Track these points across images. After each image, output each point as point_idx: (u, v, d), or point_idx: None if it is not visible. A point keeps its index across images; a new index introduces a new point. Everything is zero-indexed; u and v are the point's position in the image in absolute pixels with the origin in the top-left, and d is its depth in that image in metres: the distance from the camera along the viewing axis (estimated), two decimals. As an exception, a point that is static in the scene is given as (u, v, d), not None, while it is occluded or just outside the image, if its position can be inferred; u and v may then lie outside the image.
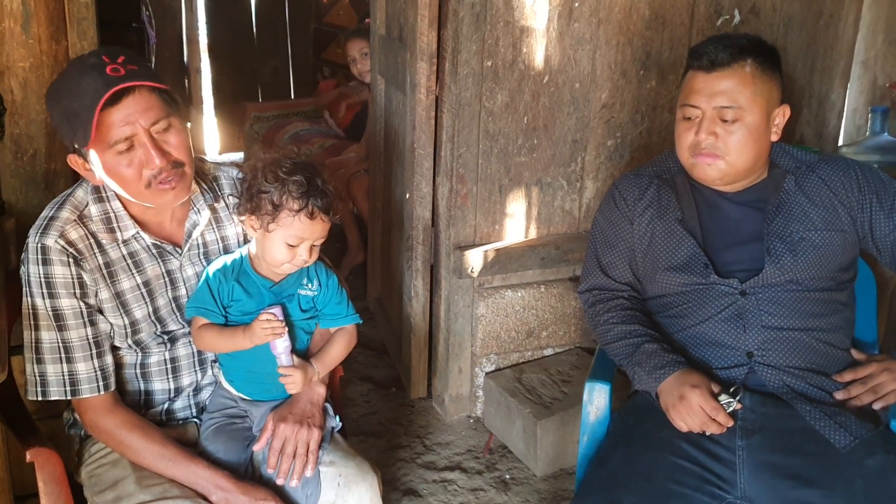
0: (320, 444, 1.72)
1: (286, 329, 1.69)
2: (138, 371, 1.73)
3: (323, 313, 1.80)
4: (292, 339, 1.73)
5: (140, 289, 1.67)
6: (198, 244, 1.75)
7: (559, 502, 2.45)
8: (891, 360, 1.77)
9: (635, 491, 1.61)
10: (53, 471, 1.57)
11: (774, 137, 1.84)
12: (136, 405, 1.72)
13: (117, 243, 1.65)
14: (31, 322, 1.59)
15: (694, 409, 1.66)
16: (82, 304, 1.60)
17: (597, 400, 1.87)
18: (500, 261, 2.65)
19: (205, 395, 1.81)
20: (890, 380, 1.73)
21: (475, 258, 2.61)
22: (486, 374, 2.80)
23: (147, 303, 1.68)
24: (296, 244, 1.66)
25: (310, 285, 1.77)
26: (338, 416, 1.82)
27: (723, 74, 1.77)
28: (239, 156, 5.84)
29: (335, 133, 4.79)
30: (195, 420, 1.80)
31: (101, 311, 1.64)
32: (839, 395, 1.74)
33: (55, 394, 1.60)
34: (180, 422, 1.79)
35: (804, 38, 2.87)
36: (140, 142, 1.55)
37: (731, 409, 1.67)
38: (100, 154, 1.55)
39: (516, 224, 2.71)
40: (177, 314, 1.73)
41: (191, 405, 1.80)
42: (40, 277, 1.57)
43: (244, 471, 1.71)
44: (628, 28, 2.60)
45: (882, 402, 1.72)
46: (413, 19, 2.54)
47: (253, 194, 1.65)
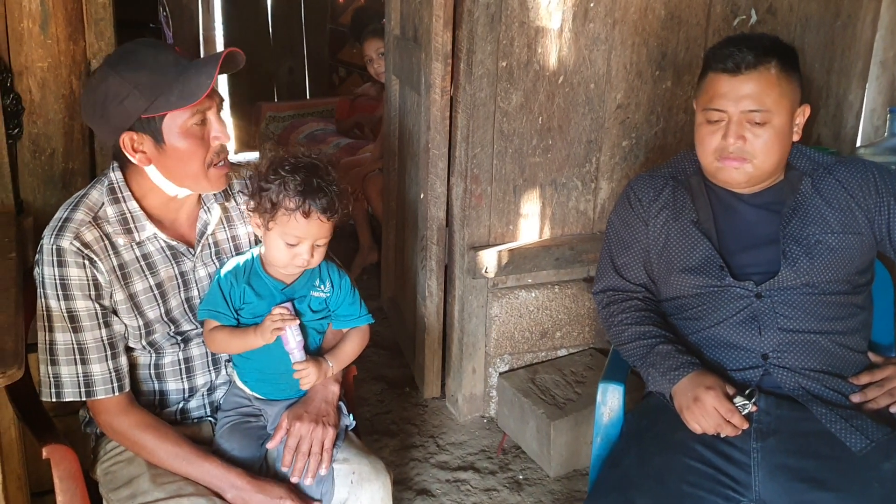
0: (335, 442, 1.72)
1: (297, 319, 1.69)
2: (152, 371, 1.74)
3: (336, 314, 1.81)
4: (304, 338, 1.73)
5: (153, 290, 1.68)
6: (209, 243, 1.76)
7: (572, 503, 2.45)
8: (908, 363, 1.76)
9: (648, 492, 1.61)
10: (69, 468, 1.58)
11: (796, 137, 1.83)
12: (150, 405, 1.73)
13: (131, 245, 1.65)
14: (46, 323, 1.59)
15: (708, 411, 1.65)
16: (97, 306, 1.60)
17: (610, 401, 1.86)
18: (515, 261, 2.65)
19: (219, 394, 1.82)
20: (907, 383, 1.72)
21: (489, 258, 2.61)
22: (500, 374, 2.80)
23: (159, 304, 1.69)
24: (294, 243, 1.65)
25: (322, 287, 1.77)
26: (351, 415, 1.83)
27: (749, 77, 1.74)
28: (254, 155, 5.87)
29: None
30: (210, 419, 1.81)
31: (115, 312, 1.64)
32: (855, 398, 1.73)
33: (69, 395, 1.60)
34: (195, 421, 1.80)
35: (821, 38, 2.85)
36: (210, 118, 1.62)
37: (746, 412, 1.66)
38: (178, 122, 1.58)
39: (530, 224, 2.71)
40: (189, 315, 1.74)
41: (205, 404, 1.80)
42: (55, 279, 1.57)
43: (258, 468, 1.71)
44: (644, 28, 2.59)
45: (899, 405, 1.71)
46: (428, 20, 2.54)
47: (255, 191, 1.66)
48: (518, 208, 2.67)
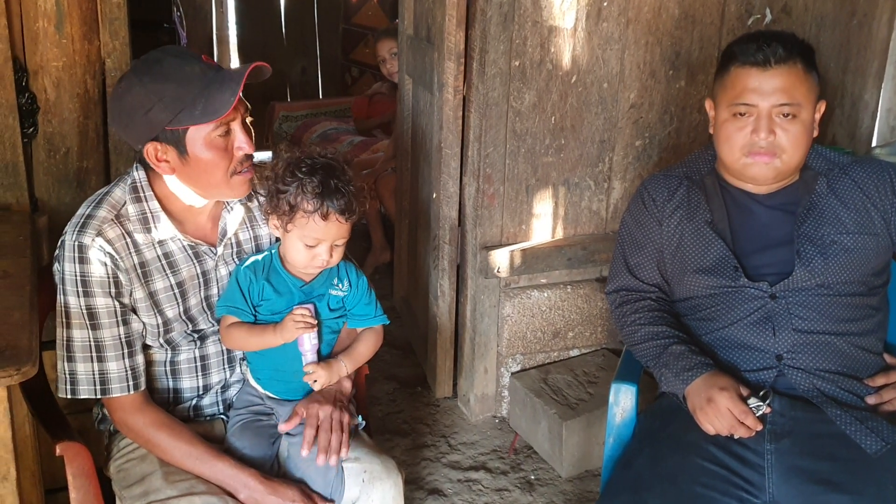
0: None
1: (316, 326, 1.69)
2: (168, 368, 1.74)
3: (352, 313, 1.81)
4: (320, 338, 1.73)
5: (173, 289, 1.68)
6: (231, 243, 1.77)
7: (584, 504, 2.44)
8: (925, 365, 1.74)
9: (661, 493, 1.60)
10: (83, 465, 1.59)
11: (815, 133, 1.82)
12: (164, 402, 1.74)
13: (152, 244, 1.66)
14: (64, 320, 1.60)
15: (722, 412, 1.64)
16: (117, 304, 1.61)
17: (623, 401, 1.86)
18: (527, 261, 2.64)
19: (232, 392, 1.83)
20: (923, 385, 1.70)
21: (501, 258, 2.61)
22: (512, 374, 2.79)
23: (179, 303, 1.69)
24: (313, 245, 1.65)
25: (340, 285, 1.77)
26: (360, 416, 1.83)
27: (779, 71, 1.73)
28: (267, 155, 5.88)
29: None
30: (222, 416, 1.82)
31: (134, 310, 1.65)
32: (871, 400, 1.71)
33: (85, 392, 1.61)
34: (207, 418, 1.80)
35: (837, 37, 2.83)
36: (235, 129, 1.62)
37: (760, 413, 1.65)
38: (202, 134, 1.58)
39: (543, 224, 2.70)
40: (207, 313, 1.74)
41: (218, 402, 1.81)
42: (76, 275, 1.57)
43: (269, 467, 1.72)
44: (657, 27, 2.58)
45: (915, 407, 1.70)
46: (441, 19, 2.54)
47: (272, 194, 1.66)
48: (530, 208, 2.67)
